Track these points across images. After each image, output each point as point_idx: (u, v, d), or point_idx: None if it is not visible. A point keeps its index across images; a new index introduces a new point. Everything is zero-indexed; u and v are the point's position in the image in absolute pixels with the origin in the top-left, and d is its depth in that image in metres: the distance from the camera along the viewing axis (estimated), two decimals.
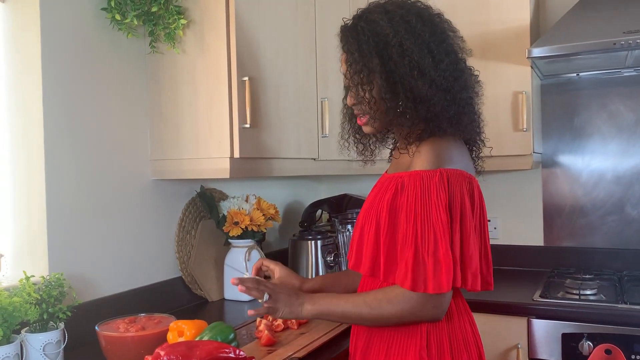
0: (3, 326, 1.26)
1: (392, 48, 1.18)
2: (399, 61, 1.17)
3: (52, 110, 1.57)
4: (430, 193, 1.13)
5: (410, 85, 1.17)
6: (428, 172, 1.16)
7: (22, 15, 1.57)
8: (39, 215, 1.56)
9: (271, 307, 1.24)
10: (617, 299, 1.94)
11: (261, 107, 1.80)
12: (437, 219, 1.12)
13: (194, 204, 2.09)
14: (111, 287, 1.74)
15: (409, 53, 1.17)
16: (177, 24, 1.71)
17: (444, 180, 1.14)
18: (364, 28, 1.21)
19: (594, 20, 2.10)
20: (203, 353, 1.17)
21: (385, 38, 1.19)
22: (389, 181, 1.24)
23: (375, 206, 1.23)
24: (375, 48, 1.19)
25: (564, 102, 2.50)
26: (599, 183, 2.44)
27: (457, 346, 1.21)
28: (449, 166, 1.16)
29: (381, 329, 1.23)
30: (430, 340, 1.19)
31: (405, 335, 1.20)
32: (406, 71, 1.17)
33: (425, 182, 1.15)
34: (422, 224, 1.12)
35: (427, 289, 1.11)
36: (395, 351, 1.20)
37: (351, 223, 2.38)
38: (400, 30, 1.18)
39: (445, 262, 1.10)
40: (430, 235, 1.11)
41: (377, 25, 1.20)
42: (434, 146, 1.19)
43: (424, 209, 1.13)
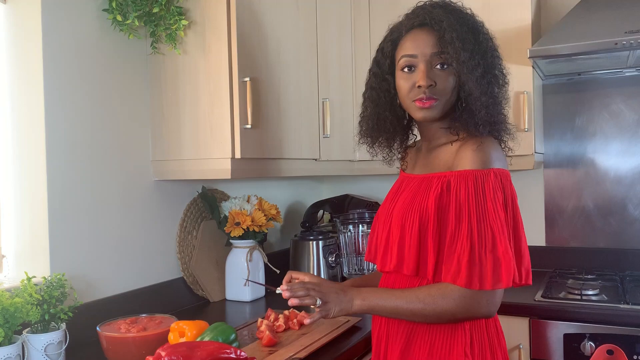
0: (5, 327, 1.26)
1: (487, 44, 1.23)
2: (495, 60, 1.24)
3: (53, 111, 1.57)
4: (486, 192, 1.14)
5: (499, 83, 1.23)
6: (481, 171, 1.16)
7: (23, 16, 1.57)
8: (41, 216, 1.56)
9: (323, 310, 1.23)
10: (619, 299, 1.93)
11: (262, 107, 1.81)
12: (495, 217, 1.13)
13: (195, 205, 2.09)
14: (112, 287, 1.74)
15: (495, 47, 1.25)
16: (179, 25, 1.72)
17: (498, 179, 1.17)
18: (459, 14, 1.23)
19: (595, 20, 2.10)
20: (204, 354, 1.17)
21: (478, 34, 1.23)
22: (429, 181, 1.24)
23: (418, 205, 1.22)
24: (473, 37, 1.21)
25: (565, 102, 2.50)
26: (600, 183, 2.44)
27: (492, 342, 1.23)
28: (499, 166, 1.19)
29: (424, 327, 1.22)
30: (473, 337, 1.20)
31: (449, 333, 1.20)
32: (500, 71, 1.24)
33: (479, 181, 1.15)
34: (479, 222, 1.13)
35: (484, 286, 1.11)
36: (439, 349, 1.20)
37: (353, 223, 2.38)
38: (485, 30, 1.25)
39: (505, 259, 1.11)
40: (488, 233, 1.12)
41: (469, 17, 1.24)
42: (482, 145, 1.19)
43: (479, 208, 1.14)
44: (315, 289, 1.23)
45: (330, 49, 2.22)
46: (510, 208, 1.18)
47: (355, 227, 2.38)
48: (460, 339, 1.19)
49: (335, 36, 2.26)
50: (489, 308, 1.15)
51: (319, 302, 1.21)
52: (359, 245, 2.35)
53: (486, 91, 1.19)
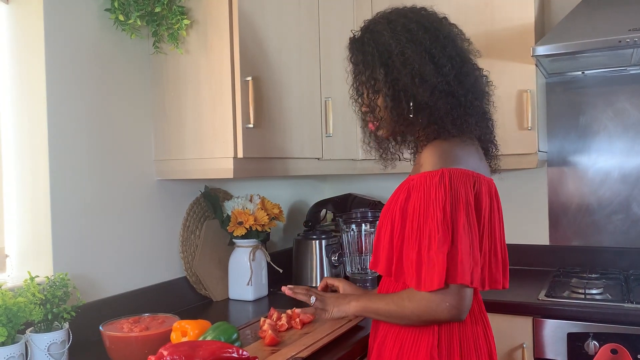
0: (8, 326, 1.26)
1: (395, 57, 1.23)
2: (401, 70, 1.22)
3: (56, 110, 1.58)
4: (430, 193, 1.16)
5: (412, 93, 1.22)
6: (431, 172, 1.18)
7: (26, 16, 1.57)
8: (44, 216, 1.57)
9: (320, 308, 1.40)
10: (623, 298, 1.92)
11: (265, 107, 1.80)
12: (432, 218, 1.14)
13: (198, 204, 2.10)
14: (115, 287, 1.75)
15: (410, 61, 1.21)
16: (181, 24, 1.72)
17: (445, 179, 1.16)
18: (369, 40, 1.27)
19: (599, 18, 2.09)
20: (206, 353, 1.17)
21: (388, 48, 1.24)
22: (404, 184, 1.28)
23: (391, 209, 1.27)
24: (380, 59, 1.24)
25: (569, 100, 2.49)
26: (605, 182, 2.43)
27: (467, 348, 1.23)
28: (452, 166, 1.18)
29: (395, 329, 1.27)
30: (442, 339, 1.21)
31: (417, 334, 1.23)
32: (408, 79, 1.22)
33: (427, 182, 1.17)
34: (420, 224, 1.16)
35: (431, 287, 1.13)
36: (408, 349, 1.23)
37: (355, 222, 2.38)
38: (402, 40, 1.22)
39: (437, 259, 1.12)
40: (426, 234, 1.14)
41: (381, 36, 1.25)
42: (437, 148, 1.22)
43: (422, 209, 1.16)
44: (318, 292, 1.40)
45: (332, 48, 2.22)
46: (462, 207, 1.15)
47: (358, 227, 2.37)
48: (428, 341, 1.21)
49: (337, 35, 2.26)
50: (450, 311, 1.14)
51: (313, 299, 1.38)
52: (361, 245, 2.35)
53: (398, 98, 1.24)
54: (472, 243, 1.15)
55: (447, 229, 1.13)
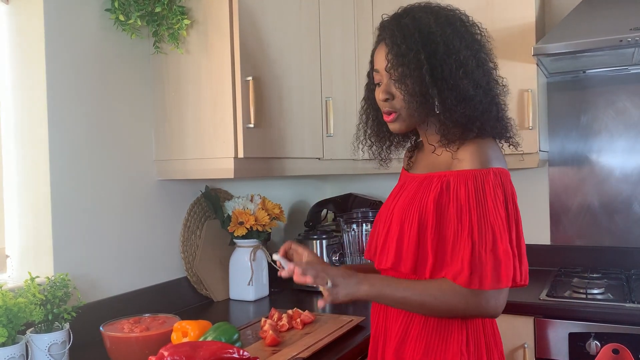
0: (8, 327, 1.26)
1: (438, 45, 1.19)
2: (445, 59, 1.19)
3: (56, 110, 1.58)
4: (486, 191, 1.14)
5: (455, 83, 1.19)
6: (481, 171, 1.16)
7: (26, 16, 1.57)
8: (44, 216, 1.57)
9: (332, 292, 1.21)
10: (624, 298, 1.92)
11: (265, 107, 1.80)
12: (495, 216, 1.12)
13: (199, 204, 2.09)
14: (116, 287, 1.75)
15: (455, 52, 1.19)
16: (181, 24, 1.72)
17: (498, 178, 1.16)
18: (409, 24, 1.22)
19: (600, 17, 2.08)
20: (207, 353, 1.17)
21: (431, 35, 1.20)
22: (430, 180, 1.23)
23: (417, 204, 1.22)
24: (422, 43, 1.19)
25: (570, 99, 2.49)
26: (606, 181, 2.43)
27: (489, 342, 1.23)
28: (498, 165, 1.18)
29: (419, 325, 1.22)
30: (469, 336, 1.20)
31: (445, 331, 1.20)
32: (452, 69, 1.18)
33: (479, 180, 1.15)
34: (479, 222, 1.12)
35: (483, 286, 1.11)
36: (435, 347, 1.20)
37: (356, 222, 2.38)
38: (446, 30, 1.21)
39: (505, 258, 1.11)
40: (489, 232, 1.12)
41: (423, 22, 1.22)
42: (481, 146, 1.19)
43: (479, 207, 1.13)
44: (327, 271, 1.22)
45: (333, 48, 2.21)
46: (512, 207, 1.17)
47: (359, 226, 2.37)
48: (457, 338, 1.19)
49: (338, 34, 2.26)
50: (496, 308, 1.14)
51: (329, 284, 1.20)
52: (362, 245, 2.35)
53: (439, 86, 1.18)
54: (522, 242, 1.18)
55: (508, 229, 1.14)
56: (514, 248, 1.15)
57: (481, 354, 1.20)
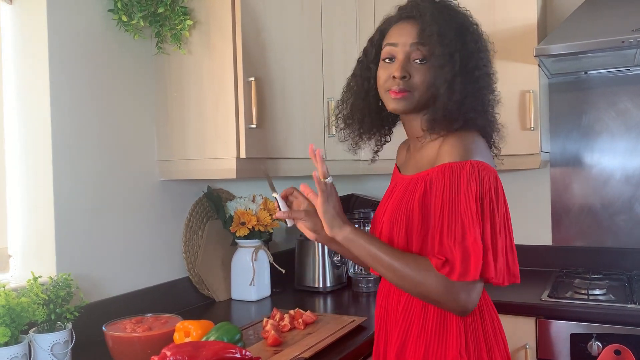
0: (11, 326, 1.26)
1: (470, 39, 1.21)
2: (476, 54, 1.21)
3: (59, 110, 1.58)
4: (460, 183, 1.12)
5: (477, 77, 1.21)
6: (458, 163, 1.14)
7: (29, 17, 1.58)
8: (47, 216, 1.57)
9: (325, 199, 1.21)
10: (626, 299, 1.92)
11: (267, 107, 1.81)
12: (465, 208, 1.11)
13: (201, 205, 2.10)
14: (118, 287, 1.75)
15: (482, 50, 1.23)
16: (183, 25, 1.72)
17: (475, 171, 1.14)
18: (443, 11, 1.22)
19: (602, 18, 2.09)
20: (209, 353, 1.17)
21: (464, 29, 1.22)
22: (415, 181, 1.23)
23: (404, 207, 1.22)
24: (457, 32, 1.20)
25: (572, 100, 2.49)
26: (607, 182, 2.43)
27: (489, 344, 1.22)
28: (478, 158, 1.16)
29: (419, 328, 1.21)
30: (468, 338, 1.19)
31: (443, 334, 1.19)
32: (480, 64, 1.21)
33: (455, 173, 1.14)
34: (450, 214, 1.11)
35: (452, 275, 1.08)
36: (435, 350, 1.19)
37: (358, 223, 2.38)
38: (474, 28, 1.24)
39: (474, 250, 1.08)
40: (458, 224, 1.10)
41: (458, 13, 1.24)
42: (462, 139, 1.18)
43: (452, 199, 1.12)
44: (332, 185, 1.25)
45: (335, 48, 2.22)
46: (488, 201, 1.13)
47: (360, 227, 2.37)
48: (456, 340, 1.18)
49: (340, 35, 2.26)
50: (465, 303, 1.11)
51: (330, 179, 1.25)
52: None
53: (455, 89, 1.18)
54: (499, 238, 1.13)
55: (480, 222, 1.11)
56: (486, 242, 1.10)
57: (481, 356, 1.19)
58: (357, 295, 2.20)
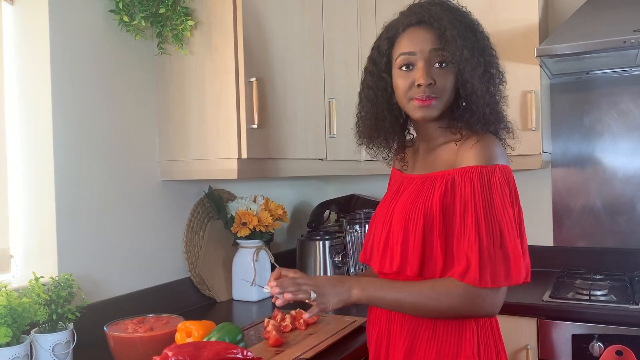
0: (13, 327, 1.26)
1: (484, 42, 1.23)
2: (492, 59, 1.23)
3: (61, 111, 1.58)
4: (492, 188, 1.13)
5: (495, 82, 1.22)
6: (487, 167, 1.15)
7: (31, 17, 1.58)
8: (49, 216, 1.57)
9: (320, 303, 1.19)
10: (628, 299, 1.92)
11: (269, 107, 1.81)
12: (503, 213, 1.11)
13: (202, 205, 2.10)
14: (120, 287, 1.75)
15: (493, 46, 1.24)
16: (185, 25, 1.72)
17: (504, 175, 1.15)
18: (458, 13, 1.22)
19: (603, 18, 2.08)
20: (211, 354, 1.17)
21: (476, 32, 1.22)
22: (433, 180, 1.21)
23: (422, 206, 1.19)
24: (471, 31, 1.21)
25: (573, 101, 2.48)
26: (609, 182, 2.42)
27: (497, 344, 1.23)
28: (503, 162, 1.18)
29: (429, 329, 1.20)
30: (480, 339, 1.19)
31: (457, 335, 1.18)
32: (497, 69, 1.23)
33: (484, 177, 1.13)
34: (486, 218, 1.11)
35: (496, 283, 1.09)
36: (447, 351, 1.18)
37: (359, 223, 2.38)
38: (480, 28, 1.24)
39: (514, 255, 1.10)
40: (496, 229, 1.10)
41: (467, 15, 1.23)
42: (487, 142, 1.18)
43: (486, 203, 1.12)
44: (308, 282, 1.20)
45: (336, 48, 2.22)
46: (517, 205, 1.16)
47: (361, 227, 2.37)
48: (469, 342, 1.18)
49: (341, 35, 2.26)
50: (492, 307, 1.13)
51: (313, 295, 1.18)
52: None
53: (487, 89, 1.19)
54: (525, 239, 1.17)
55: (517, 226, 1.13)
56: (524, 246, 1.14)
57: (491, 357, 1.20)
58: None
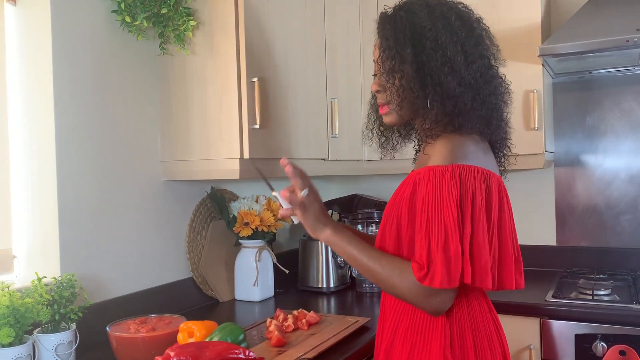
0: (15, 327, 1.27)
1: (426, 40, 1.20)
2: (431, 54, 1.19)
3: (63, 112, 1.58)
4: (442, 189, 1.13)
5: (439, 80, 1.18)
6: (441, 167, 1.15)
7: (33, 18, 1.58)
8: (51, 216, 1.57)
9: (303, 208, 1.26)
10: (631, 299, 1.91)
11: (270, 107, 1.81)
12: (448, 215, 1.11)
13: (204, 205, 2.10)
14: (122, 287, 1.75)
15: (442, 47, 1.19)
16: (187, 26, 1.72)
17: (456, 176, 1.14)
18: (403, 17, 1.23)
19: (605, 17, 2.08)
20: (213, 354, 1.17)
21: (421, 30, 1.20)
22: (407, 181, 1.24)
23: (396, 204, 1.24)
24: (411, 38, 1.21)
25: (576, 100, 2.48)
26: (612, 182, 2.42)
27: (481, 345, 1.21)
28: (463, 162, 1.16)
29: (405, 326, 1.23)
30: (454, 339, 1.19)
31: (428, 334, 1.19)
32: (437, 65, 1.18)
33: (437, 177, 1.15)
34: (433, 220, 1.12)
35: (433, 283, 1.10)
36: (419, 350, 1.20)
37: (361, 223, 2.38)
38: (437, 25, 1.20)
39: (455, 257, 1.10)
40: (442, 230, 1.11)
41: (416, 16, 1.22)
42: (449, 143, 1.19)
43: (435, 205, 1.13)
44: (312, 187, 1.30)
45: (338, 48, 2.22)
46: (469, 205, 1.13)
47: (364, 227, 2.37)
48: (440, 341, 1.18)
49: (343, 35, 2.26)
50: (437, 306, 1.14)
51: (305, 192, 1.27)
52: None
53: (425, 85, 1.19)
54: (482, 243, 1.13)
55: (461, 227, 1.12)
56: (465, 247, 1.11)
57: (468, 356, 1.18)
58: (360, 296, 2.19)
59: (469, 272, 1.11)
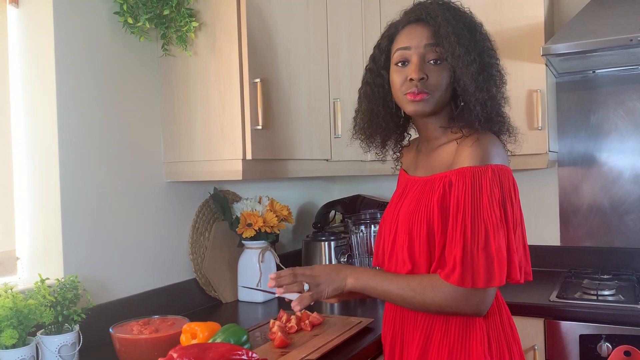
0: (19, 328, 1.27)
1: (480, 35, 1.22)
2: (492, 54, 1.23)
3: (66, 113, 1.58)
4: (482, 189, 1.13)
5: (493, 76, 1.21)
6: (479, 168, 1.15)
7: (36, 19, 1.58)
8: (54, 218, 1.57)
9: (315, 292, 1.24)
10: (636, 299, 1.90)
11: (273, 108, 1.80)
12: (490, 214, 1.12)
13: (207, 206, 2.10)
14: (125, 289, 1.75)
15: (493, 46, 1.24)
16: (189, 27, 1.72)
17: (496, 176, 1.15)
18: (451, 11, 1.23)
19: (609, 16, 2.07)
20: (216, 355, 1.16)
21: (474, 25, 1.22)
22: (432, 182, 1.23)
23: (424, 209, 1.21)
24: (469, 30, 1.21)
25: (579, 99, 2.47)
26: (616, 182, 2.41)
27: (509, 341, 1.23)
28: (498, 162, 1.17)
29: (441, 330, 1.22)
30: (491, 337, 1.20)
31: (467, 335, 1.20)
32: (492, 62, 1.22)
33: (476, 178, 1.14)
34: (473, 220, 1.12)
35: (476, 284, 1.10)
36: (459, 351, 1.19)
37: (364, 224, 2.37)
38: (478, 26, 1.24)
39: (498, 256, 1.10)
40: (482, 230, 1.11)
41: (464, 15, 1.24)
42: (482, 143, 1.18)
43: (474, 205, 1.13)
44: (305, 273, 1.26)
45: (340, 49, 2.21)
46: (508, 204, 1.15)
47: (367, 228, 2.37)
48: (479, 341, 1.18)
49: (345, 35, 2.26)
50: (479, 307, 1.14)
51: (306, 287, 1.24)
52: (370, 246, 2.34)
53: (482, 87, 1.18)
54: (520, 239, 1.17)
55: (504, 228, 1.13)
56: (511, 246, 1.13)
57: (503, 354, 1.20)
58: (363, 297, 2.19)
59: (516, 271, 1.13)
